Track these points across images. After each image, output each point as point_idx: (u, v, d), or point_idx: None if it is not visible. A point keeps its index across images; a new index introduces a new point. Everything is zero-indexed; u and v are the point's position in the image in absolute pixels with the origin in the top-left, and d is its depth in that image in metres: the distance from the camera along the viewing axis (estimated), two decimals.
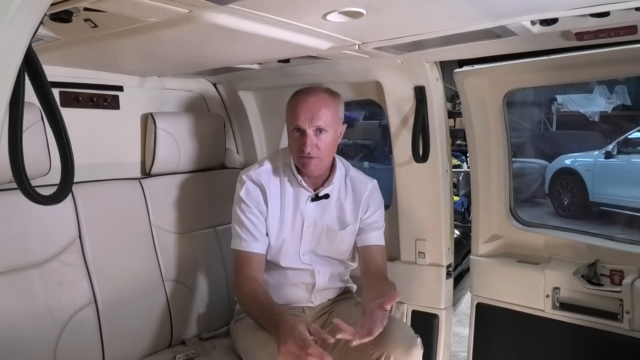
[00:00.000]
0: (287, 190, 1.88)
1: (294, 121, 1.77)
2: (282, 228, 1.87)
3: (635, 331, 1.76)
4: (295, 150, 1.80)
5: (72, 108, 1.92)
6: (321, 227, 1.90)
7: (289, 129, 1.82)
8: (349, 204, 1.93)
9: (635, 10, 1.27)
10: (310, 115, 1.75)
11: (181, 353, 1.86)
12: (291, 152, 1.84)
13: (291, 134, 1.80)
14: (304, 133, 1.76)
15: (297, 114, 1.76)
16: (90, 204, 1.84)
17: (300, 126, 1.76)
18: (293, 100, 1.82)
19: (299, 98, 1.80)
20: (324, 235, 1.91)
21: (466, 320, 2.29)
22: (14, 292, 1.60)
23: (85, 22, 1.28)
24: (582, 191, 7.50)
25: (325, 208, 1.90)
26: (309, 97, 1.78)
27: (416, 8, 1.28)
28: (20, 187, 0.95)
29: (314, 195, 1.88)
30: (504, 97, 2.05)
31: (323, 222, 1.90)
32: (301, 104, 1.77)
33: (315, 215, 1.90)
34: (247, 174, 1.88)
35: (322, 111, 1.76)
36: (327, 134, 1.77)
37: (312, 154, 1.76)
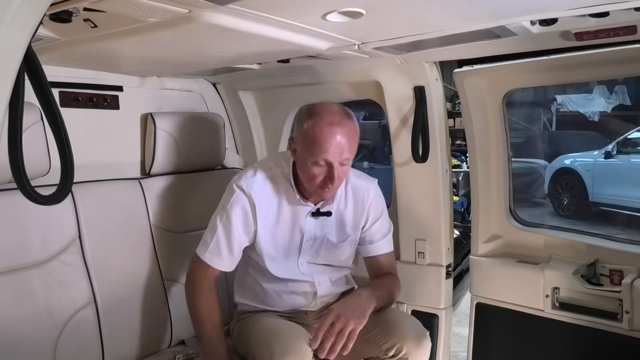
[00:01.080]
0: (283, 204, 1.78)
1: (320, 154, 1.61)
2: (277, 241, 1.80)
3: (635, 331, 1.76)
4: (315, 181, 1.66)
5: (71, 108, 1.92)
6: (320, 240, 1.84)
7: (306, 157, 1.64)
8: (350, 213, 1.85)
9: (634, 11, 1.28)
10: (340, 149, 1.62)
11: (181, 353, 1.87)
12: (306, 180, 1.69)
13: (311, 164, 1.64)
14: (330, 166, 1.63)
15: (327, 147, 1.60)
16: (90, 204, 1.84)
17: (328, 159, 1.62)
18: (319, 129, 1.61)
19: (326, 130, 1.60)
20: (323, 248, 1.86)
21: (466, 320, 2.28)
22: (14, 292, 1.60)
23: (85, 22, 1.28)
24: (582, 191, 7.50)
25: (325, 221, 1.83)
26: (338, 129, 1.61)
27: (416, 8, 1.28)
28: (20, 187, 0.95)
29: (314, 210, 1.80)
30: (503, 97, 2.05)
31: (323, 234, 1.84)
32: (331, 137, 1.60)
33: (315, 229, 1.82)
34: (238, 182, 1.76)
35: (351, 143, 1.64)
36: (349, 162, 1.69)
37: (334, 187, 1.68)
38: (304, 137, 1.65)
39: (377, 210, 1.90)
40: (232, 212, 1.75)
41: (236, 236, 1.76)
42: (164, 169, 2.16)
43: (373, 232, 1.90)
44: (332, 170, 1.64)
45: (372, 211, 1.88)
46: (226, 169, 2.45)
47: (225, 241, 1.76)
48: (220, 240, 1.76)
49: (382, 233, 1.91)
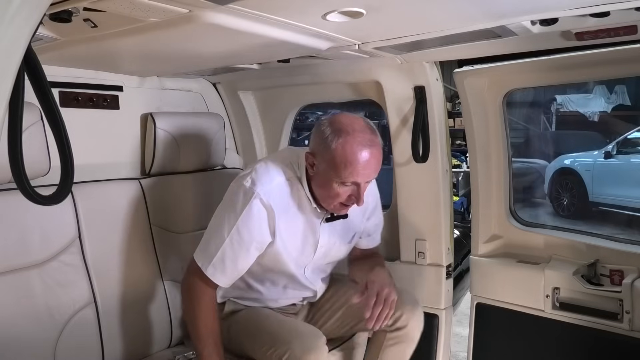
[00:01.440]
0: (299, 211, 1.70)
1: (352, 177, 1.56)
2: (289, 250, 1.72)
3: (635, 331, 1.76)
4: (337, 198, 1.61)
5: (71, 108, 1.92)
6: (332, 244, 1.81)
7: (331, 177, 1.57)
8: (354, 212, 1.79)
9: (635, 10, 1.28)
10: (370, 170, 1.59)
11: (180, 353, 1.86)
12: (328, 197, 1.62)
13: (337, 184, 1.58)
14: (358, 186, 1.59)
15: (359, 171, 1.55)
16: (90, 204, 1.84)
17: (357, 181, 1.58)
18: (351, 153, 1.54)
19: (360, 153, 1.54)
20: (334, 253, 1.84)
21: (466, 320, 2.29)
22: (14, 293, 1.60)
23: (85, 22, 1.28)
24: (582, 191, 7.50)
25: (334, 226, 1.78)
26: (370, 150, 1.56)
27: (416, 8, 1.28)
28: (19, 187, 0.95)
29: (329, 215, 1.73)
30: (503, 97, 2.05)
31: (334, 238, 1.80)
32: (364, 160, 1.55)
33: (329, 234, 1.78)
34: (255, 188, 1.60)
35: (379, 162, 1.61)
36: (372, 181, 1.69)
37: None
38: (331, 157, 1.55)
39: (375, 202, 1.91)
40: (246, 224, 1.60)
41: (246, 252, 1.64)
42: (164, 169, 2.15)
43: (370, 225, 1.91)
44: (359, 191, 1.59)
45: (371, 202, 1.87)
46: (226, 169, 2.45)
47: (233, 257, 1.63)
48: (226, 256, 1.62)
49: (376, 225, 1.94)
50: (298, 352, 1.56)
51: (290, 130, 2.67)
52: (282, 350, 1.58)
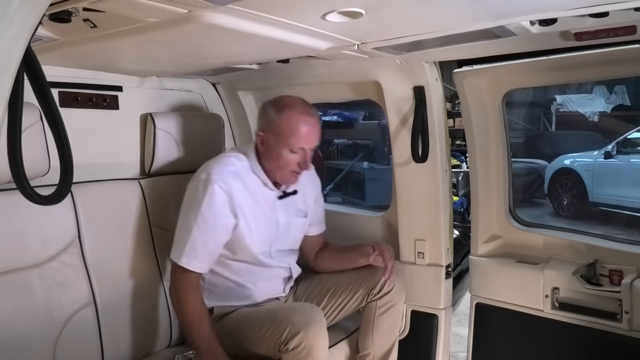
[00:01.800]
0: (255, 195, 1.85)
1: (298, 143, 1.78)
2: (253, 231, 1.84)
3: (634, 331, 1.76)
4: (288, 167, 1.81)
5: (71, 108, 1.92)
6: (290, 220, 1.96)
7: (280, 146, 1.78)
8: (302, 194, 2.00)
9: (634, 11, 1.27)
10: (313, 136, 1.81)
11: (180, 353, 1.86)
12: (278, 167, 1.82)
13: (286, 152, 1.79)
14: (305, 153, 1.81)
15: (304, 137, 1.78)
16: (90, 204, 1.84)
17: (304, 147, 1.80)
18: (294, 120, 1.78)
19: (301, 119, 1.78)
20: (293, 228, 1.98)
21: (465, 320, 2.29)
22: (14, 293, 1.60)
23: (85, 22, 1.28)
24: (582, 191, 7.51)
25: (288, 203, 1.95)
26: (308, 118, 1.80)
27: (415, 8, 1.28)
28: (19, 187, 0.95)
29: (281, 193, 1.92)
30: (503, 97, 2.05)
31: (290, 215, 1.96)
32: (306, 127, 1.79)
33: (285, 211, 1.94)
34: (210, 177, 1.77)
35: (319, 131, 1.84)
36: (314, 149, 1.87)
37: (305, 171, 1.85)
38: (280, 129, 1.79)
39: (319, 190, 2.13)
40: (209, 209, 1.74)
41: (214, 235, 1.77)
42: (164, 169, 2.16)
43: (318, 209, 2.11)
44: (306, 156, 1.82)
45: (317, 189, 2.11)
46: None
47: (202, 242, 1.75)
48: (196, 242, 1.74)
49: (320, 215, 2.14)
50: (299, 324, 1.59)
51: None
52: (283, 326, 1.60)
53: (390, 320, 1.94)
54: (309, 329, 1.58)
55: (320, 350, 1.59)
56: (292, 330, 1.58)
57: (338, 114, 9.82)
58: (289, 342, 1.57)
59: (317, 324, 1.61)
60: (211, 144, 2.30)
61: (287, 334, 1.58)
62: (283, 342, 1.58)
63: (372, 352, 1.95)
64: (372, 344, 1.94)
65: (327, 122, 9.70)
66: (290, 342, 1.57)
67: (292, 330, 1.58)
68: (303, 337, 1.56)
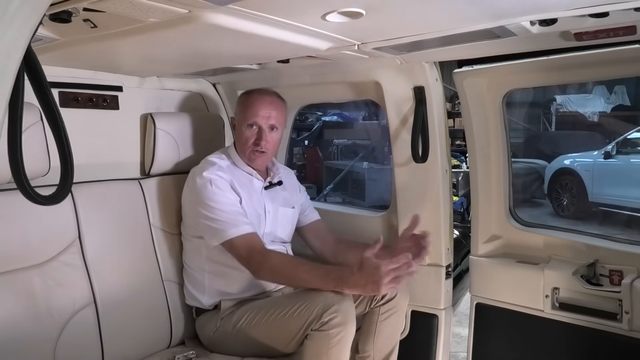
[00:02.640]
0: (244, 185, 1.95)
1: (251, 117, 1.93)
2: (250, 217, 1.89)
3: (635, 331, 1.76)
4: (247, 144, 1.94)
5: (71, 108, 1.92)
6: (277, 210, 2.03)
7: (241, 124, 1.96)
8: (288, 185, 2.13)
9: (634, 11, 1.28)
10: (268, 113, 1.94)
11: (180, 353, 1.86)
12: (242, 145, 1.97)
13: (245, 128, 1.94)
14: (260, 129, 1.94)
15: (256, 111, 1.93)
16: (90, 205, 1.84)
17: (257, 122, 1.93)
18: (250, 98, 1.97)
19: (256, 97, 1.96)
20: (281, 218, 2.05)
21: (465, 320, 2.29)
22: (14, 293, 1.60)
23: (85, 23, 1.28)
24: (581, 191, 7.51)
25: (274, 193, 2.05)
26: (265, 96, 1.97)
27: (415, 8, 1.28)
28: (19, 187, 0.95)
29: (267, 183, 2.03)
30: (503, 98, 2.05)
31: (277, 205, 2.04)
32: (259, 102, 1.94)
33: (272, 201, 2.02)
34: (207, 171, 1.87)
35: (277, 111, 1.96)
36: (277, 132, 1.98)
37: (263, 149, 1.94)
38: (239, 109, 2.01)
39: (302, 187, 2.26)
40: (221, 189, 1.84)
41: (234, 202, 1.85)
42: (164, 170, 2.16)
43: (307, 205, 2.22)
44: (260, 133, 1.93)
45: (303, 189, 2.25)
46: None
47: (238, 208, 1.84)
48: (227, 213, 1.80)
49: (311, 204, 2.25)
50: (332, 299, 1.58)
51: (290, 130, 2.67)
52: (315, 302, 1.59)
53: (392, 325, 1.94)
54: (343, 302, 1.58)
55: (352, 325, 1.59)
56: (326, 304, 1.57)
57: (338, 114, 9.83)
58: (322, 315, 1.55)
59: (349, 300, 1.61)
60: (211, 145, 2.29)
61: (320, 309, 1.56)
62: (316, 318, 1.56)
63: (372, 354, 1.93)
64: (372, 348, 1.93)
65: (327, 122, 9.72)
66: (324, 314, 1.55)
67: (327, 303, 1.57)
68: (338, 309, 1.56)
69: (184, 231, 2.01)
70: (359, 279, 1.59)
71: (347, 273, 1.62)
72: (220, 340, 1.86)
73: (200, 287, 1.95)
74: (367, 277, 1.58)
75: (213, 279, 1.92)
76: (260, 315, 1.75)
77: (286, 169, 2.25)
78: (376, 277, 1.56)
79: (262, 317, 1.74)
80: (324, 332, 1.56)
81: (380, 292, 1.64)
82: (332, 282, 1.63)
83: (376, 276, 1.56)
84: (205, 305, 1.94)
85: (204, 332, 1.93)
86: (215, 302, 1.92)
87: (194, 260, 1.98)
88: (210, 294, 1.93)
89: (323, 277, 1.65)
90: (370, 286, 1.58)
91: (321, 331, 1.56)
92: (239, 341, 1.80)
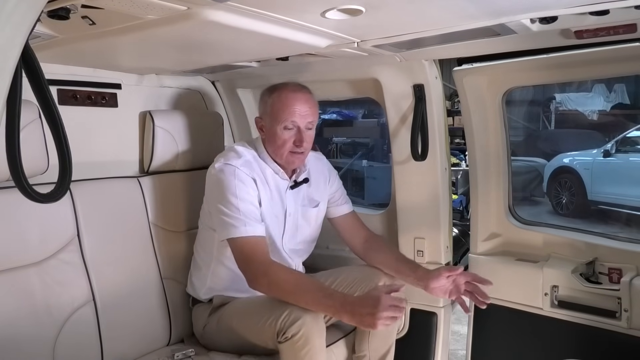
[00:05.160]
0: (269, 183, 1.87)
1: (289, 118, 1.79)
2: (268, 221, 1.84)
3: (633, 329, 1.77)
4: (285, 146, 1.82)
5: (69, 106, 1.92)
6: (299, 212, 1.95)
7: (275, 125, 1.81)
8: (315, 182, 1.99)
9: (634, 9, 1.27)
10: (305, 111, 1.82)
11: (179, 351, 1.86)
12: (277, 147, 1.83)
13: (281, 130, 1.81)
14: (299, 130, 1.81)
15: (294, 111, 1.79)
16: (89, 202, 1.84)
17: (296, 122, 1.81)
18: (284, 96, 1.81)
19: (291, 95, 1.81)
20: (301, 218, 1.96)
21: (465, 318, 2.29)
22: (13, 291, 1.60)
23: (83, 20, 1.27)
24: (581, 190, 7.51)
25: (298, 193, 1.95)
26: (299, 94, 1.82)
27: (415, 6, 1.28)
28: (17, 185, 0.95)
29: (292, 183, 1.92)
30: (503, 96, 2.05)
31: (298, 205, 1.95)
32: (295, 100, 1.80)
33: (295, 201, 1.94)
34: (229, 162, 1.78)
35: (313, 108, 1.85)
36: (313, 129, 1.87)
37: (303, 150, 1.83)
38: (271, 110, 1.83)
39: (336, 176, 2.11)
40: (243, 185, 1.75)
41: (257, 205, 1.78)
42: (163, 167, 2.15)
43: (339, 194, 2.08)
44: (300, 133, 1.81)
45: (333, 176, 2.09)
46: None
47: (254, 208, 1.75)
48: (249, 210, 1.73)
49: (345, 196, 2.11)
50: (297, 312, 1.57)
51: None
52: (281, 315, 1.58)
53: (386, 334, 1.92)
54: (307, 316, 1.56)
55: (317, 338, 1.57)
56: (290, 318, 1.56)
57: (337, 112, 9.82)
58: (287, 331, 1.55)
59: (314, 312, 1.59)
60: (210, 142, 2.29)
61: (284, 322, 1.56)
62: (281, 331, 1.56)
63: (367, 354, 1.92)
64: (368, 347, 1.92)
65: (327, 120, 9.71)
66: (288, 330, 1.55)
67: (290, 318, 1.56)
68: (302, 324, 1.54)
69: (202, 220, 1.97)
70: (359, 308, 1.55)
71: (348, 301, 1.59)
72: (210, 337, 1.89)
73: (203, 280, 1.94)
74: (367, 308, 1.53)
75: (216, 274, 1.91)
76: (237, 320, 1.77)
77: (315, 156, 2.05)
78: (376, 309, 1.51)
79: (239, 323, 1.76)
80: (291, 346, 1.56)
81: (376, 327, 1.52)
82: (332, 309, 1.59)
83: (376, 308, 1.51)
84: (202, 297, 1.94)
85: (197, 327, 1.96)
86: (210, 297, 1.93)
87: (205, 251, 1.95)
88: (209, 288, 1.92)
89: (322, 300, 1.59)
90: (368, 319, 1.52)
91: (288, 344, 1.56)
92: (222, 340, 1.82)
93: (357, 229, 2.07)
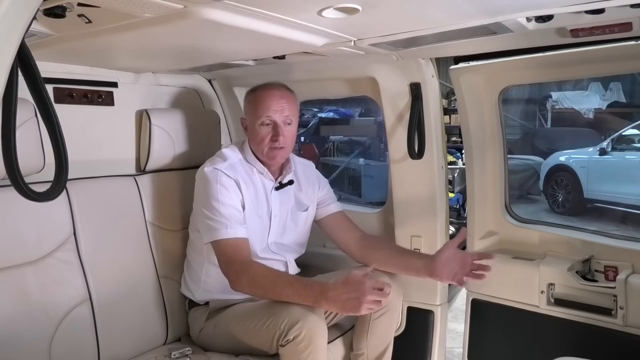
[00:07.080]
0: (254, 184, 1.90)
1: (263, 114, 1.84)
2: (252, 222, 1.86)
3: (629, 327, 1.77)
4: (264, 142, 1.85)
5: (66, 104, 1.91)
6: (286, 213, 1.97)
7: (254, 123, 1.86)
8: (304, 183, 2.03)
9: (630, 7, 1.28)
10: (280, 106, 1.85)
11: (176, 350, 1.86)
12: (257, 144, 1.87)
13: (259, 126, 1.85)
14: (275, 125, 1.85)
15: (268, 106, 1.84)
16: (85, 201, 1.84)
17: (272, 117, 1.84)
18: (259, 94, 1.87)
19: (265, 92, 1.87)
20: (289, 221, 1.98)
21: (461, 316, 2.29)
22: (9, 290, 1.60)
23: (79, 18, 1.27)
24: (577, 188, 7.54)
25: (285, 195, 1.97)
26: (274, 90, 1.88)
27: (412, 4, 1.28)
28: (13, 183, 0.94)
29: (277, 184, 1.95)
30: (499, 94, 2.06)
31: (286, 208, 1.97)
32: (269, 97, 1.85)
33: (280, 203, 1.95)
34: (215, 166, 1.82)
35: (289, 103, 1.88)
36: (293, 125, 1.90)
37: (282, 144, 1.85)
38: (249, 108, 1.90)
39: (324, 181, 2.14)
40: (224, 193, 1.79)
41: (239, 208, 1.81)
42: (159, 166, 2.15)
43: (328, 196, 2.10)
44: (277, 127, 1.84)
45: (321, 180, 2.12)
46: None
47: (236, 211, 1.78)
48: (230, 213, 1.76)
49: (333, 197, 2.12)
50: (297, 314, 1.56)
51: None
52: (281, 317, 1.57)
53: (386, 323, 1.93)
54: (308, 317, 1.55)
55: (320, 339, 1.56)
56: (290, 320, 1.55)
57: (334, 111, 9.83)
58: (288, 333, 1.54)
59: (315, 313, 1.59)
60: (207, 141, 2.29)
61: (285, 325, 1.55)
62: (282, 334, 1.56)
63: (365, 352, 1.93)
64: (366, 345, 1.93)
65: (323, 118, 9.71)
66: (289, 332, 1.54)
67: (291, 319, 1.55)
68: (303, 326, 1.53)
69: (192, 222, 1.98)
70: (340, 294, 1.53)
71: (328, 287, 1.57)
72: (205, 341, 1.89)
73: (197, 281, 1.94)
74: (350, 292, 1.52)
75: (209, 276, 1.91)
76: (234, 324, 1.76)
77: (304, 163, 2.11)
78: (359, 292, 1.50)
79: (236, 327, 1.75)
80: (292, 348, 1.55)
81: (360, 311, 1.50)
82: (311, 298, 1.57)
83: (359, 292, 1.50)
84: (197, 299, 1.95)
85: (193, 330, 1.96)
86: (206, 299, 1.93)
87: (196, 253, 1.96)
88: (203, 290, 1.93)
89: (302, 291, 1.59)
90: (351, 303, 1.51)
91: (290, 347, 1.56)
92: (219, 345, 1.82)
93: (349, 229, 2.06)
